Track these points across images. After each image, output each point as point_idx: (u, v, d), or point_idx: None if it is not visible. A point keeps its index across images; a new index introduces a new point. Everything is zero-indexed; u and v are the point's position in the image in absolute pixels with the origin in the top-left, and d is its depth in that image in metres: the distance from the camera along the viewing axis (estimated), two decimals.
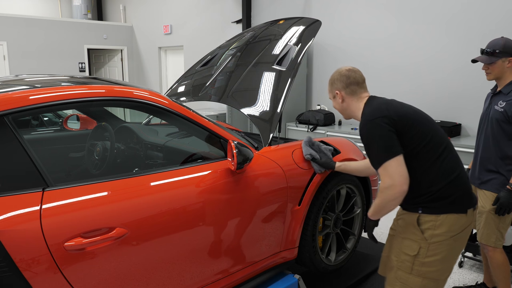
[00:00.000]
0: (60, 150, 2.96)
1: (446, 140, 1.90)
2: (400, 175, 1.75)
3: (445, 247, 1.84)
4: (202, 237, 2.03)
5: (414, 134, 1.82)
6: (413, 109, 1.93)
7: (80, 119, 3.22)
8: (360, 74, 2.07)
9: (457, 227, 1.84)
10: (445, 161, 1.84)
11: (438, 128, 1.92)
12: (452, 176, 1.84)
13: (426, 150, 1.83)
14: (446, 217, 1.82)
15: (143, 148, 2.80)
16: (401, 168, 1.76)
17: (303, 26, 3.13)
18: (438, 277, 1.89)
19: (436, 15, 5.01)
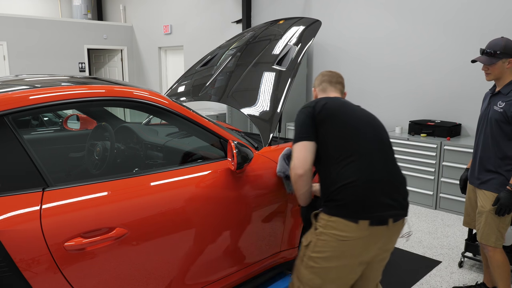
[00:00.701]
0: (60, 150, 2.96)
1: (363, 148, 1.85)
2: (297, 158, 1.87)
3: (330, 248, 1.81)
4: (202, 237, 2.03)
5: (327, 130, 1.88)
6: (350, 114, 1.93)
7: (80, 119, 3.22)
8: (336, 76, 2.19)
9: (346, 233, 1.78)
10: (348, 166, 1.82)
11: (366, 136, 1.88)
12: (347, 181, 1.80)
13: (335, 150, 1.86)
14: (336, 220, 1.80)
15: (143, 148, 2.80)
16: (302, 153, 1.87)
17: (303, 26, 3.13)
18: (323, 276, 1.85)
19: (436, 15, 5.01)
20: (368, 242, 1.81)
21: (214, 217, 2.06)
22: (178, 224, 1.91)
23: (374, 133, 1.92)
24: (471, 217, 2.82)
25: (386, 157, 1.90)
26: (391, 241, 1.90)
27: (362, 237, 1.79)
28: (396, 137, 4.94)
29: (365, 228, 1.78)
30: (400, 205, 1.86)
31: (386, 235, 1.84)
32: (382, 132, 1.96)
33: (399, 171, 1.93)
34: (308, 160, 1.87)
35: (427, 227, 4.15)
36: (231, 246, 2.18)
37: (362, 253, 1.83)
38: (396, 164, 1.94)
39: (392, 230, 1.85)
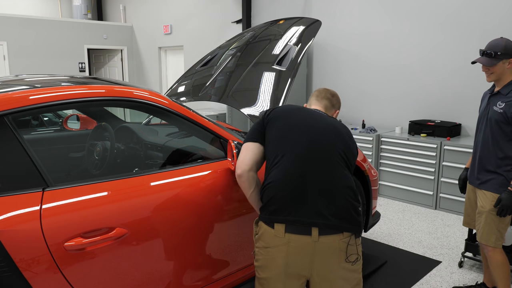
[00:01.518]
0: (60, 150, 2.96)
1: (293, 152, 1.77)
2: (239, 157, 1.89)
3: (261, 256, 1.76)
4: (202, 237, 2.03)
5: (269, 133, 1.89)
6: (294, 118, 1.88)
7: (80, 119, 3.22)
8: (325, 92, 2.17)
9: (266, 239, 1.72)
10: (274, 167, 1.78)
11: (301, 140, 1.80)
12: (270, 180, 1.76)
13: (269, 149, 1.85)
14: (260, 225, 1.77)
15: (143, 148, 2.80)
16: (242, 153, 1.89)
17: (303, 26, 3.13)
18: (265, 287, 1.77)
19: (435, 15, 5.01)
20: (289, 253, 1.67)
21: (214, 217, 2.06)
22: (178, 224, 1.91)
23: (311, 139, 1.80)
24: (470, 217, 2.82)
25: (323, 163, 1.76)
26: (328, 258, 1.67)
27: (280, 245, 1.67)
28: (396, 137, 4.94)
29: (281, 235, 1.67)
30: (334, 214, 1.67)
31: (312, 248, 1.65)
32: (331, 141, 1.82)
33: (340, 181, 1.75)
34: (247, 160, 1.85)
35: (427, 227, 4.15)
36: (231, 246, 2.18)
37: (287, 265, 1.68)
38: (340, 174, 1.76)
39: (323, 244, 1.65)
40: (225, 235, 2.14)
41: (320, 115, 1.95)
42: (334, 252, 1.67)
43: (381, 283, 3.06)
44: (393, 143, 4.98)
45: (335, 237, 1.67)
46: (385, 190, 5.12)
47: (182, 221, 1.93)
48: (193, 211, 1.97)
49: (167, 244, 1.88)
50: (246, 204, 2.21)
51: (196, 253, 2.02)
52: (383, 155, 5.11)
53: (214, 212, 2.06)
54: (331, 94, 2.16)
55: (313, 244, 1.65)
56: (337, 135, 1.85)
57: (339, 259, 1.69)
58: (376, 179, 3.20)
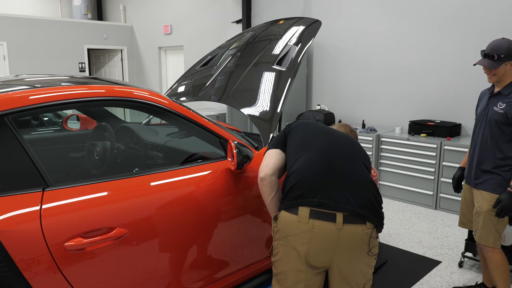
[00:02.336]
0: (60, 150, 2.96)
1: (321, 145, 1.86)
2: (262, 163, 1.95)
3: (280, 248, 1.73)
4: (202, 237, 2.03)
5: (291, 140, 1.99)
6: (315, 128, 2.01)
7: (80, 119, 3.22)
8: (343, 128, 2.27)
9: (288, 228, 1.69)
10: (299, 159, 1.84)
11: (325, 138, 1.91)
12: (294, 169, 1.80)
13: (290, 156, 1.92)
14: (281, 214, 1.75)
15: (143, 148, 2.80)
16: (266, 159, 1.96)
17: (303, 26, 3.13)
18: (282, 283, 1.74)
19: (435, 16, 5.01)
20: (312, 239, 1.63)
21: (214, 217, 2.06)
22: (178, 224, 1.91)
23: (333, 140, 1.91)
24: (466, 218, 2.81)
25: (345, 159, 1.82)
26: (350, 248, 1.64)
27: (303, 232, 1.64)
28: (396, 137, 4.94)
29: (305, 220, 1.64)
30: (358, 203, 1.67)
31: (336, 236, 1.63)
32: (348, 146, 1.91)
33: (363, 176, 1.79)
34: (270, 164, 1.90)
35: (427, 227, 4.15)
36: (231, 246, 2.18)
37: (309, 254, 1.65)
38: (362, 170, 1.82)
39: (346, 233, 1.63)
40: (225, 235, 2.14)
41: (336, 130, 2.07)
42: (358, 243, 1.65)
43: (381, 283, 3.06)
44: (393, 143, 4.98)
45: (359, 227, 1.65)
46: (385, 190, 5.12)
47: (182, 221, 1.93)
48: (193, 211, 1.97)
49: (167, 244, 1.88)
50: (246, 204, 2.21)
51: (196, 253, 2.02)
52: (383, 155, 5.11)
53: (214, 212, 2.06)
54: (350, 130, 2.27)
55: (337, 232, 1.63)
56: (354, 143, 1.98)
57: (361, 251, 1.67)
58: (376, 179, 3.20)
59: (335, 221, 1.63)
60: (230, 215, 2.14)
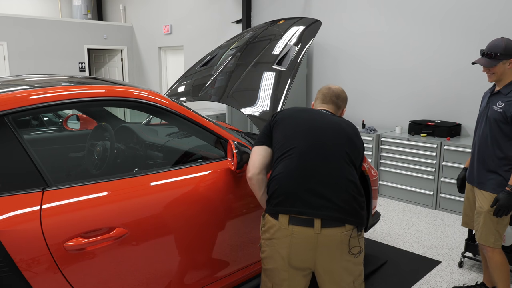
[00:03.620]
0: (60, 150, 2.96)
1: (297, 149, 1.83)
2: (249, 161, 1.97)
3: (266, 248, 1.82)
4: (202, 237, 2.03)
5: (275, 134, 1.96)
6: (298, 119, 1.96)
7: (80, 119, 3.22)
8: (331, 95, 2.16)
9: (271, 231, 1.77)
10: (280, 162, 1.85)
11: (305, 138, 1.86)
12: (275, 174, 1.84)
13: (276, 149, 1.92)
14: (266, 217, 1.84)
15: (143, 148, 2.80)
16: (254, 156, 1.96)
17: (303, 26, 3.13)
18: (271, 278, 1.83)
19: (435, 16, 5.01)
20: (292, 244, 1.71)
21: (214, 217, 2.06)
22: (178, 224, 1.91)
23: (315, 136, 1.86)
24: (469, 217, 2.81)
25: (327, 159, 1.80)
26: (330, 250, 1.71)
27: (284, 237, 1.72)
28: (396, 137, 4.94)
29: (285, 226, 1.72)
30: (337, 207, 1.71)
31: (315, 240, 1.69)
32: (334, 140, 1.87)
33: (345, 177, 1.79)
34: (256, 163, 1.93)
35: (427, 227, 4.15)
36: (231, 246, 2.18)
37: (291, 257, 1.73)
38: (341, 170, 1.80)
39: (325, 236, 1.69)
40: (225, 235, 2.14)
41: (324, 114, 2.00)
42: (337, 245, 1.71)
43: (381, 283, 3.06)
44: (393, 143, 4.98)
45: (337, 229, 1.70)
46: (385, 190, 5.12)
47: (181, 221, 1.93)
48: (192, 211, 1.97)
49: (167, 244, 1.88)
50: (246, 204, 2.21)
51: (196, 253, 2.02)
52: (383, 155, 5.11)
53: (214, 212, 2.06)
54: (336, 96, 2.15)
55: (316, 236, 1.69)
56: (341, 132, 1.90)
57: (342, 252, 1.73)
58: (376, 179, 3.20)
59: (314, 226, 1.70)
60: (230, 215, 2.14)
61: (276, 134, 1.95)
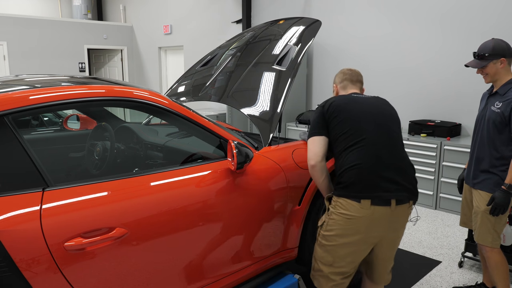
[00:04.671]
0: (60, 150, 2.96)
1: (365, 137, 2.06)
2: (310, 151, 2.16)
3: (338, 226, 2.04)
4: (202, 237, 2.03)
5: (336, 125, 2.13)
6: (356, 108, 2.15)
7: (80, 119, 3.22)
8: (356, 74, 2.41)
9: (350, 212, 2.00)
10: (354, 151, 2.05)
11: (370, 126, 2.09)
12: (351, 165, 2.03)
13: (343, 139, 2.10)
14: (342, 200, 2.03)
15: (143, 148, 2.80)
16: (314, 146, 2.15)
17: (303, 26, 3.13)
18: (333, 253, 2.08)
19: (435, 16, 5.01)
20: (372, 220, 1.99)
21: (214, 217, 2.06)
22: (178, 224, 1.91)
23: (377, 123, 2.11)
24: (467, 217, 2.82)
25: (390, 144, 2.09)
26: (398, 222, 2.08)
27: (366, 215, 1.98)
28: None
29: (367, 207, 1.98)
30: (405, 188, 2.03)
31: (390, 215, 2.01)
32: (389, 122, 2.15)
33: (405, 158, 2.11)
34: (318, 152, 2.14)
35: (427, 227, 4.15)
36: (231, 246, 2.18)
37: (367, 231, 2.01)
38: (403, 151, 2.13)
39: (397, 212, 2.02)
40: (225, 235, 2.13)
41: (370, 99, 2.23)
42: (403, 217, 2.09)
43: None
44: None
45: (405, 206, 2.06)
46: None
47: (182, 222, 1.93)
48: (193, 211, 1.97)
49: (167, 244, 1.88)
50: (246, 204, 2.21)
51: (196, 253, 2.02)
52: None
53: (214, 212, 2.06)
54: (359, 75, 2.40)
55: (391, 213, 2.01)
56: (393, 115, 2.21)
57: (404, 222, 2.13)
58: None
59: (390, 205, 2.00)
60: (230, 215, 2.14)
61: (338, 126, 2.12)
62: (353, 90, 2.37)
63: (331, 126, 2.15)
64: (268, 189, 2.31)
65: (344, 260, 2.07)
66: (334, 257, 2.08)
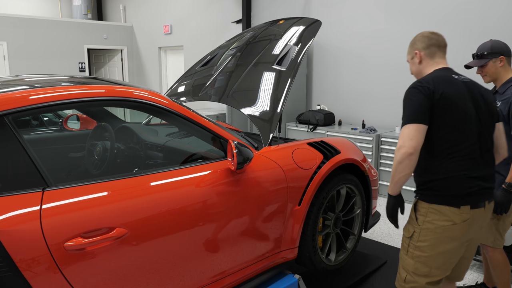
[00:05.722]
0: (60, 150, 2.96)
1: (476, 141, 1.90)
2: (410, 139, 1.83)
3: (435, 235, 1.92)
4: (202, 237, 2.03)
5: (442, 123, 1.87)
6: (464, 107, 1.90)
7: (80, 119, 3.22)
8: (442, 38, 2.12)
9: (449, 219, 1.89)
10: (454, 159, 1.88)
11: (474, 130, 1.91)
12: (452, 174, 1.88)
13: (444, 141, 1.89)
14: (438, 207, 1.91)
15: (143, 148, 2.80)
16: (415, 134, 1.83)
17: (303, 26, 3.13)
18: (430, 264, 1.96)
19: (435, 16, 5.01)
20: (470, 224, 1.91)
21: (214, 217, 2.06)
22: (178, 224, 1.91)
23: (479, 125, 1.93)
24: None
25: (487, 148, 1.96)
26: (486, 220, 2.03)
27: (465, 221, 1.89)
28: (396, 137, 4.94)
29: (466, 212, 1.89)
30: (492, 186, 1.99)
31: (483, 216, 1.97)
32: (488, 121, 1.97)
33: (493, 157, 2.03)
34: (420, 143, 1.85)
35: None
36: (231, 246, 2.18)
37: (465, 234, 1.93)
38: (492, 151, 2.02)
39: (488, 209, 1.98)
40: (225, 235, 2.14)
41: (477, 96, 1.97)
42: (490, 214, 2.05)
43: (381, 283, 3.05)
44: (393, 143, 4.98)
45: (492, 203, 2.03)
46: (385, 190, 5.11)
47: (182, 221, 1.93)
48: (192, 211, 1.97)
49: (167, 244, 1.88)
50: (246, 204, 2.21)
51: (196, 253, 2.02)
52: (383, 155, 5.11)
53: (214, 212, 2.06)
54: (443, 38, 2.15)
55: (484, 213, 1.97)
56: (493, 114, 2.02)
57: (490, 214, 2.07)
58: (376, 179, 3.20)
59: (485, 207, 1.96)
60: (229, 215, 2.14)
61: (443, 123, 1.87)
62: (442, 59, 2.10)
63: (436, 119, 1.87)
64: (268, 189, 2.31)
65: (440, 268, 1.97)
66: (431, 267, 1.96)
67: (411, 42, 2.16)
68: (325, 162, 2.62)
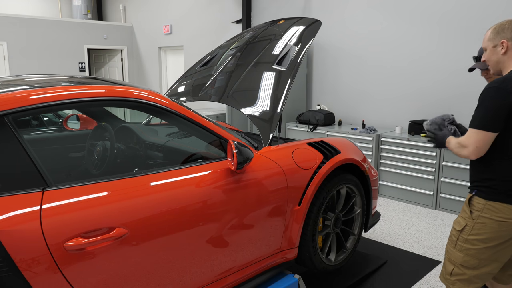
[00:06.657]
0: (60, 150, 2.96)
1: None
2: (476, 146, 1.85)
3: (489, 230, 1.92)
4: (202, 237, 2.03)
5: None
6: None
7: (80, 119, 3.22)
8: None
9: (505, 215, 1.88)
10: None
11: None
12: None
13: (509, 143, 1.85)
14: (495, 204, 1.90)
15: (143, 148, 2.80)
16: (483, 145, 1.84)
17: (303, 26, 3.13)
18: (479, 256, 1.96)
19: (435, 16, 5.01)
20: None
21: (214, 217, 2.06)
22: (178, 224, 1.91)
23: None
24: None
25: None
26: None
27: None
28: (396, 137, 4.94)
29: None
30: None
31: None
32: None
33: None
34: (484, 152, 1.86)
35: (427, 227, 4.15)
36: (231, 246, 2.18)
37: None
38: None
39: None
40: (225, 235, 2.14)
41: None
42: None
43: (381, 283, 3.06)
44: (393, 143, 4.98)
45: None
46: (385, 190, 5.12)
47: (182, 221, 1.93)
48: (193, 211, 1.97)
49: (167, 244, 1.88)
50: (246, 205, 2.21)
51: (196, 253, 2.02)
52: (383, 155, 5.11)
53: (214, 212, 2.06)
54: None
55: None
56: None
57: None
58: (376, 179, 3.20)
59: None
60: (229, 215, 2.14)
61: None
62: None
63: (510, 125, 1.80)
64: (268, 189, 2.31)
65: (490, 265, 1.97)
66: (480, 260, 1.96)
67: (497, 29, 1.93)
68: (325, 162, 2.62)
